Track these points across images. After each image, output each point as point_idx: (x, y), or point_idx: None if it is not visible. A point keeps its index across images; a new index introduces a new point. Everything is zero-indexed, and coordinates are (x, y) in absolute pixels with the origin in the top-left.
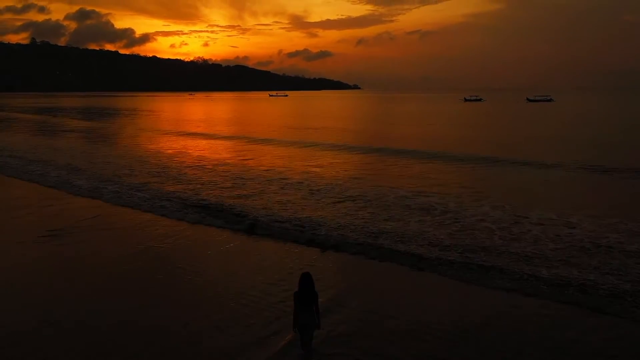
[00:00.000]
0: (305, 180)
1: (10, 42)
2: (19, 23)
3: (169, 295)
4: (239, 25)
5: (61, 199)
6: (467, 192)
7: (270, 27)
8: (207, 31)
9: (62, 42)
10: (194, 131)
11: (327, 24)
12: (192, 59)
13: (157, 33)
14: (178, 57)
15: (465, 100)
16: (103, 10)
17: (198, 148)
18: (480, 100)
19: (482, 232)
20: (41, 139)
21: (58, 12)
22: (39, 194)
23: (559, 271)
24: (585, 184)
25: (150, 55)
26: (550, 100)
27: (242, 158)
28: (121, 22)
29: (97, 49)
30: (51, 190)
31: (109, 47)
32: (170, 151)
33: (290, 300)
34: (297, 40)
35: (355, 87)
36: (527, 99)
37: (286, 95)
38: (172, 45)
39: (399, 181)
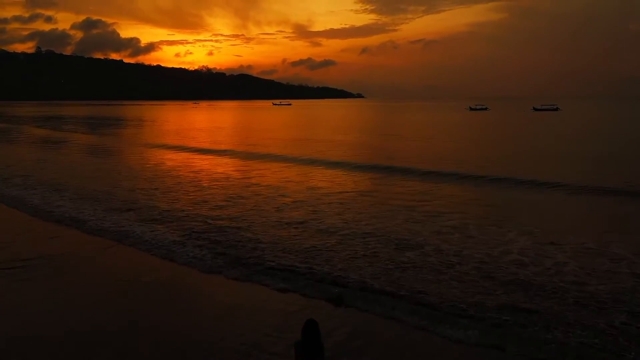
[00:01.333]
0: (307, 200)
1: (16, 52)
2: (25, 32)
3: (144, 350)
4: (243, 35)
5: (30, 223)
6: (487, 215)
7: (274, 37)
8: (211, 40)
9: (67, 51)
10: (192, 144)
11: (331, 33)
12: (196, 67)
13: (162, 42)
14: (183, 66)
15: (471, 109)
16: (109, 20)
17: (195, 163)
18: (485, 109)
19: (513, 267)
20: (31, 150)
21: (64, 22)
22: (6, 218)
23: (622, 320)
24: (615, 207)
25: (155, 64)
26: (556, 109)
27: (240, 175)
28: (126, 31)
29: (102, 57)
30: (19, 213)
31: (114, 56)
32: (166, 165)
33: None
34: (300, 49)
35: (359, 95)
36: (534, 108)
37: (290, 104)
38: (177, 54)
39: (411, 203)
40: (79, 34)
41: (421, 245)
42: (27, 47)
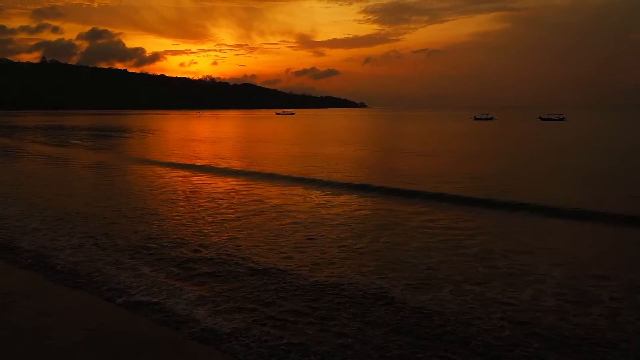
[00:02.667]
0: (305, 223)
1: (21, 61)
2: (32, 42)
3: None
4: (246, 45)
5: None
6: (511, 243)
7: (277, 46)
8: (215, 50)
9: (73, 61)
10: (191, 160)
11: (334, 43)
12: (200, 77)
13: (167, 52)
14: (187, 76)
15: (476, 119)
16: (115, 30)
17: (191, 181)
18: (491, 119)
19: (552, 317)
20: (18, 163)
21: (71, 32)
22: None
23: None
24: None
25: (159, 74)
26: (562, 119)
27: (237, 196)
28: (132, 41)
29: (107, 67)
30: None
31: (119, 65)
32: (158, 184)
33: None
34: (304, 59)
35: (362, 105)
36: (540, 118)
37: (293, 114)
38: (182, 64)
39: (423, 229)
40: (84, 44)
41: (439, 286)
42: (33, 57)
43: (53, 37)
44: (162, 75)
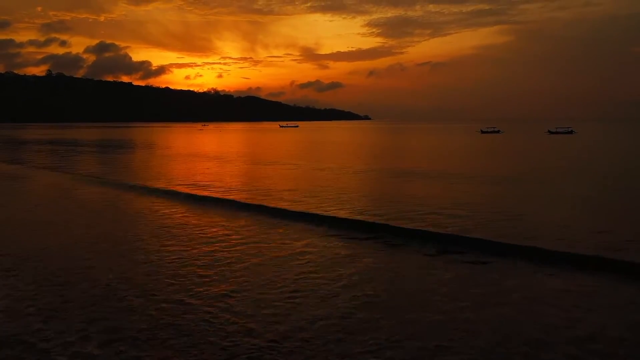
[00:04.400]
0: (299, 278)
1: (26, 74)
2: (40, 56)
3: None
4: (251, 57)
5: None
6: (563, 301)
7: (282, 59)
8: (220, 63)
9: (80, 74)
10: (181, 187)
11: (338, 56)
12: (205, 90)
13: (172, 65)
14: (192, 89)
15: (482, 132)
16: (122, 44)
17: (177, 215)
18: (498, 132)
19: None
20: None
21: (78, 46)
22: None
23: None
24: None
25: (164, 87)
26: (571, 132)
27: (225, 236)
28: (138, 54)
29: (112, 80)
30: None
31: (125, 78)
32: (143, 218)
33: None
34: (308, 72)
35: (366, 117)
36: (549, 131)
37: (297, 126)
38: (187, 77)
39: (450, 282)
40: (92, 58)
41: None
42: (40, 71)
43: (61, 51)
44: (167, 88)
